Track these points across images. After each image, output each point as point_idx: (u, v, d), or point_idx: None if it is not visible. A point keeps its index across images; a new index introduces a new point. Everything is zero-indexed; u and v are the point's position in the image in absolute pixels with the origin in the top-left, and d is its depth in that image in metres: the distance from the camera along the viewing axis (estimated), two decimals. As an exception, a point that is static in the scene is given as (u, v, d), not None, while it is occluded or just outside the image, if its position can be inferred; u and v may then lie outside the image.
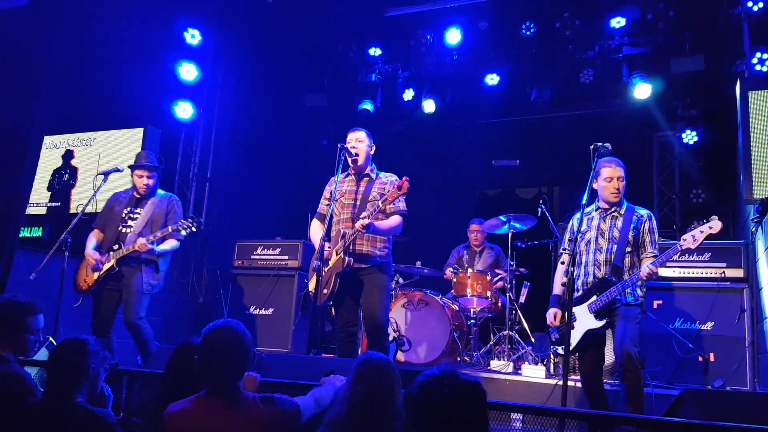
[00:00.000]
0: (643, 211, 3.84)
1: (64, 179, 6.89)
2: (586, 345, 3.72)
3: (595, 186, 3.81)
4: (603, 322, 3.64)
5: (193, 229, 4.53)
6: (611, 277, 3.69)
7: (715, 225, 3.51)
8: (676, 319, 5.05)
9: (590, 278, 3.78)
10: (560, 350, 3.85)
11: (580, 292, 3.78)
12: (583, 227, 3.84)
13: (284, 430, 2.23)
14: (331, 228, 4.21)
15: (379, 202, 3.93)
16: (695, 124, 6.58)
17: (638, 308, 3.70)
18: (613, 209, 3.83)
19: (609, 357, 4.05)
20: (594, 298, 3.69)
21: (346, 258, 3.98)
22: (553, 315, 3.87)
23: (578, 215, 3.97)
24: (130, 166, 4.84)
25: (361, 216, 3.91)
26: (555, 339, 3.94)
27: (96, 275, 4.52)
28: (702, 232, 3.53)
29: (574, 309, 3.71)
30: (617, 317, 3.64)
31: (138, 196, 4.77)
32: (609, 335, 3.81)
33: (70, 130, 6.90)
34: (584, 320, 3.71)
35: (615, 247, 3.74)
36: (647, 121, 6.94)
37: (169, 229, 4.53)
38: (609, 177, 3.78)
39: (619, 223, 3.78)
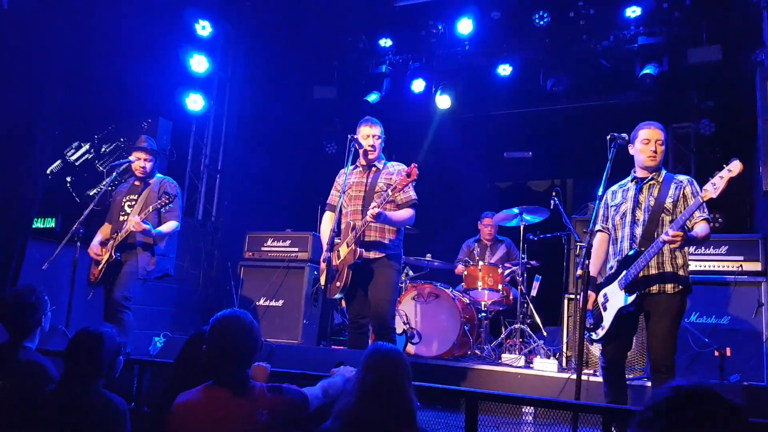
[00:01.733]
0: (683, 177, 3.50)
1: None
2: (618, 330, 3.39)
3: (631, 152, 3.54)
4: (633, 297, 3.28)
5: (171, 205, 4.44)
6: (641, 248, 3.35)
7: (734, 166, 3.10)
8: (692, 313, 4.97)
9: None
10: (594, 336, 3.49)
11: (614, 270, 3.49)
12: (618, 199, 3.53)
13: (291, 419, 2.22)
14: (342, 220, 4.20)
15: (389, 191, 3.90)
16: (712, 115, 6.47)
17: (680, 297, 3.32)
18: (650, 178, 3.50)
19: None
20: (623, 273, 3.38)
21: (357, 249, 3.95)
22: (592, 299, 3.51)
23: (614, 187, 3.67)
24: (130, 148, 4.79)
25: (371, 206, 3.88)
26: (590, 324, 3.52)
27: (100, 267, 4.50)
28: (722, 177, 3.12)
29: (606, 289, 3.47)
30: (653, 308, 3.32)
31: (138, 184, 4.73)
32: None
33: (82, 121, 6.90)
34: (615, 300, 3.40)
35: (649, 216, 3.41)
36: (662, 112, 6.83)
37: (150, 208, 4.42)
38: (646, 139, 3.47)
39: (656, 191, 3.45)
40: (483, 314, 5.74)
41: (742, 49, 6.07)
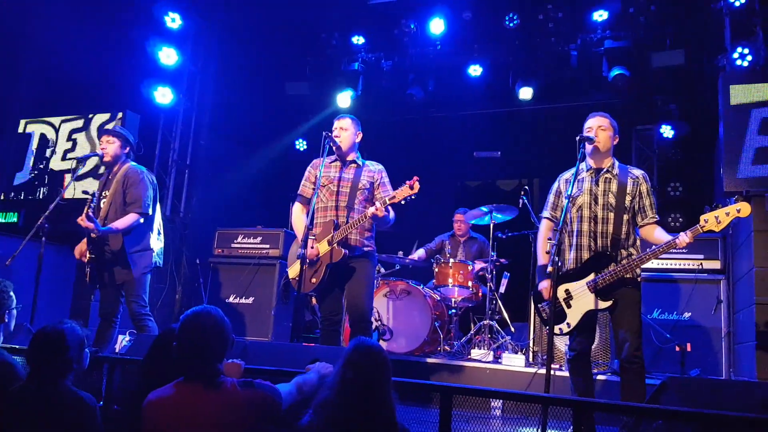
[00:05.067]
0: (638, 172, 3.54)
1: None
2: (584, 326, 3.43)
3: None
4: (609, 303, 3.31)
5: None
6: (611, 250, 3.36)
7: (744, 209, 3.11)
8: (654, 309, 5.14)
9: (584, 252, 3.45)
10: (557, 330, 3.42)
11: (572, 264, 3.48)
12: (573, 190, 3.50)
13: (264, 414, 2.22)
14: (315, 214, 4.14)
15: (386, 198, 3.91)
16: (674, 118, 6.67)
17: (639, 288, 3.40)
18: (605, 170, 3.53)
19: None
20: (592, 275, 3.38)
21: (343, 250, 3.94)
22: (547, 288, 3.46)
23: (567, 175, 3.69)
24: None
25: (376, 207, 3.87)
26: (547, 316, 3.45)
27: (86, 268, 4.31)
28: (728, 214, 3.11)
29: (568, 285, 3.45)
30: (622, 301, 3.35)
31: (110, 177, 4.44)
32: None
33: (49, 113, 6.73)
34: (584, 299, 3.38)
35: (612, 215, 3.41)
36: (627, 114, 7.01)
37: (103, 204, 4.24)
38: (588, 128, 3.54)
39: (614, 187, 3.47)
40: (453, 311, 5.81)
41: (704, 54, 6.28)
